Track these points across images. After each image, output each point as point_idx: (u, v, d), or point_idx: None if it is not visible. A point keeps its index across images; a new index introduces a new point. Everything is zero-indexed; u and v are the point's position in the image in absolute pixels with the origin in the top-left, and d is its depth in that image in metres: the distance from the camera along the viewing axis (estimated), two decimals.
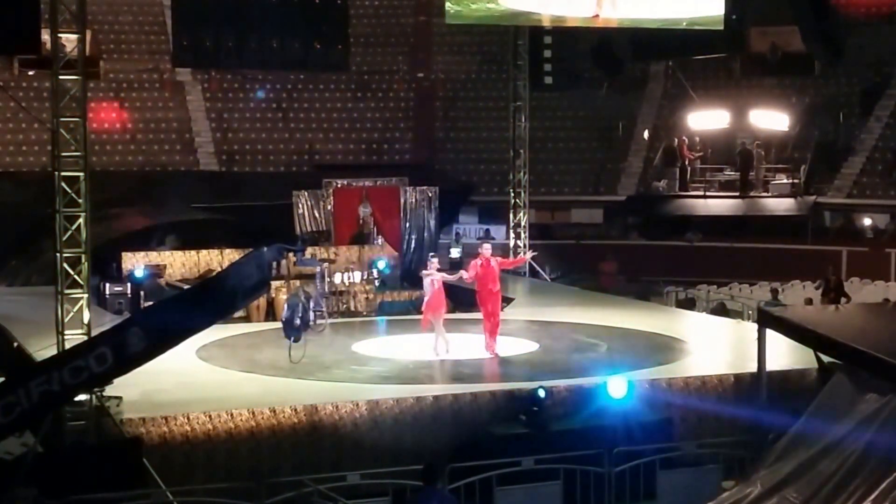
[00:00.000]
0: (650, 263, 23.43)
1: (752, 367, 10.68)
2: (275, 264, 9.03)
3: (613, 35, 25.21)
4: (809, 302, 16.94)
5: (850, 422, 8.26)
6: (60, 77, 10.15)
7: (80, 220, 10.11)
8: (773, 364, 10.68)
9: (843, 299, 17.34)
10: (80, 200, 10.10)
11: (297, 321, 10.32)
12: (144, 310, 9.08)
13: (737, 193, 25.22)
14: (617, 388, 10.52)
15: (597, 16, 19.08)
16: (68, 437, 9.62)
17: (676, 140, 25.79)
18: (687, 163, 25.53)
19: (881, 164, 25.34)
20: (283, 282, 15.96)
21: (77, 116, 10.23)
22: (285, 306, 11.52)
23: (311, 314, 10.23)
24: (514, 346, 13.22)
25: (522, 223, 20.59)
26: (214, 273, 9.52)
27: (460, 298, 14.95)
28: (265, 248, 8.74)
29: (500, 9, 18.45)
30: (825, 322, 10.19)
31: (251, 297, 9.90)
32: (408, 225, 19.02)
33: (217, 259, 16.51)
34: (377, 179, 19.83)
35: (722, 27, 20.27)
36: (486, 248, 13.27)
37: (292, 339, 10.93)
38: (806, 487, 8.14)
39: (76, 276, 10.13)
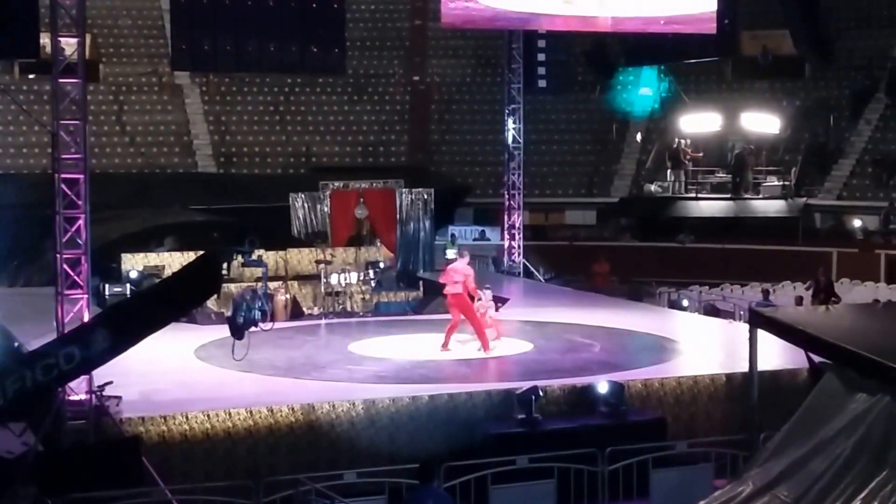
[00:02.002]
0: (643, 264, 23.57)
1: (744, 366, 10.82)
2: (225, 265, 9.31)
3: (606, 39, 25.39)
4: (800, 302, 17.10)
5: (840, 421, 8.32)
6: (60, 80, 10.23)
7: (80, 222, 10.21)
8: (764, 364, 10.80)
9: (834, 300, 17.49)
10: (80, 202, 10.20)
11: (240, 320, 10.41)
12: (109, 309, 9.32)
13: (729, 195, 25.45)
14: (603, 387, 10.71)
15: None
16: (68, 436, 9.71)
17: (679, 142, 25.99)
18: (689, 165, 25.80)
19: (871, 166, 25.52)
20: (280, 283, 16.11)
21: (77, 119, 10.31)
22: (231, 305, 11.64)
23: (258, 313, 10.29)
24: (508, 346, 13.33)
25: (517, 225, 20.73)
26: (171, 274, 9.74)
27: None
28: (216, 251, 9.04)
29: None
30: (815, 322, 10.29)
31: (205, 297, 10.11)
32: (404, 227, 19.15)
33: None
34: (373, 181, 19.93)
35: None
36: (464, 257, 13.47)
37: (236, 336, 11.00)
38: (797, 486, 8.20)
39: (76, 277, 10.21)
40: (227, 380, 11.63)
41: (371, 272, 16.60)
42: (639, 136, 28.03)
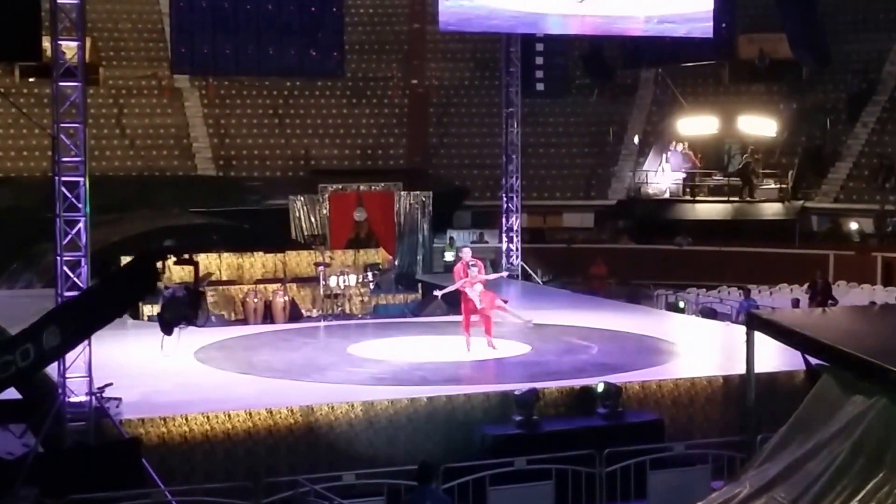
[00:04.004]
0: (640, 267, 23.63)
1: (741, 368, 10.84)
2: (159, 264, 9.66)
3: (604, 42, 25.45)
4: (796, 305, 17.18)
5: (837, 423, 8.33)
6: (60, 84, 10.26)
7: (80, 224, 10.25)
8: (761, 366, 10.85)
9: (830, 302, 17.57)
10: (80, 205, 10.23)
11: (168, 316, 10.48)
12: (58, 307, 9.57)
13: (725, 198, 25.57)
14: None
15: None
16: (68, 437, 9.75)
17: (679, 145, 26.06)
18: (694, 168, 25.89)
19: (867, 169, 25.63)
20: (279, 285, 16.17)
21: (77, 122, 10.34)
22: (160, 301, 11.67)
23: (184, 309, 10.34)
24: (506, 347, 13.38)
25: (515, 227, 20.78)
26: (111, 273, 10.10)
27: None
28: (150, 250, 9.33)
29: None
30: (812, 324, 10.31)
31: (143, 294, 10.32)
32: (402, 229, 19.22)
33: (215, 262, 16.65)
34: (372, 184, 20.01)
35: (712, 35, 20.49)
36: (465, 252, 13.50)
37: (165, 332, 11.01)
38: (794, 487, 8.21)
39: (76, 279, 10.25)
40: (227, 381, 11.68)
41: (370, 274, 16.65)
42: (636, 139, 28.12)
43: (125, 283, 9.57)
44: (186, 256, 10.52)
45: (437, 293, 14.09)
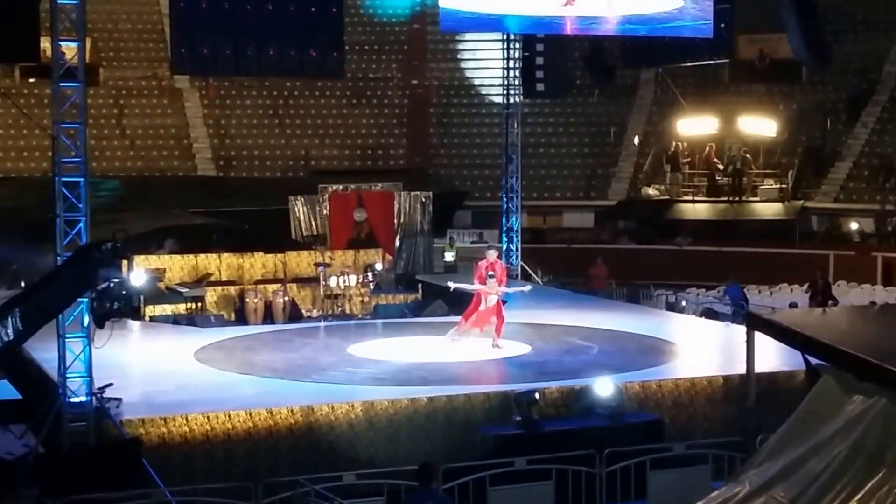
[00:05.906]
0: (640, 267, 23.63)
1: (741, 368, 10.86)
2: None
3: (604, 43, 25.48)
4: (795, 307, 17.17)
5: (837, 423, 8.33)
6: (61, 84, 10.28)
7: (80, 225, 10.27)
8: (761, 366, 10.86)
9: (831, 302, 17.58)
10: (80, 205, 10.26)
11: (98, 309, 10.46)
12: (7, 302, 9.63)
13: (726, 198, 25.59)
14: (604, 388, 10.75)
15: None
16: (69, 437, 9.77)
17: (677, 145, 26.08)
18: (714, 170, 25.93)
19: (867, 169, 25.66)
20: (279, 285, 16.17)
21: (77, 123, 10.36)
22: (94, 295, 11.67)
23: (117, 304, 10.33)
24: (507, 348, 13.39)
25: (515, 227, 20.79)
26: (54, 269, 10.25)
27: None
28: (89, 246, 9.48)
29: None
30: (812, 324, 10.29)
31: (84, 289, 10.41)
32: (402, 230, 19.22)
33: (215, 262, 16.67)
34: (372, 185, 20.02)
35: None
36: (490, 254, 13.53)
37: (97, 325, 10.98)
38: (794, 487, 8.21)
39: None
40: (227, 382, 11.69)
41: (370, 275, 16.66)
42: (636, 140, 28.13)
43: (68, 278, 9.63)
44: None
45: (451, 284, 13.89)
